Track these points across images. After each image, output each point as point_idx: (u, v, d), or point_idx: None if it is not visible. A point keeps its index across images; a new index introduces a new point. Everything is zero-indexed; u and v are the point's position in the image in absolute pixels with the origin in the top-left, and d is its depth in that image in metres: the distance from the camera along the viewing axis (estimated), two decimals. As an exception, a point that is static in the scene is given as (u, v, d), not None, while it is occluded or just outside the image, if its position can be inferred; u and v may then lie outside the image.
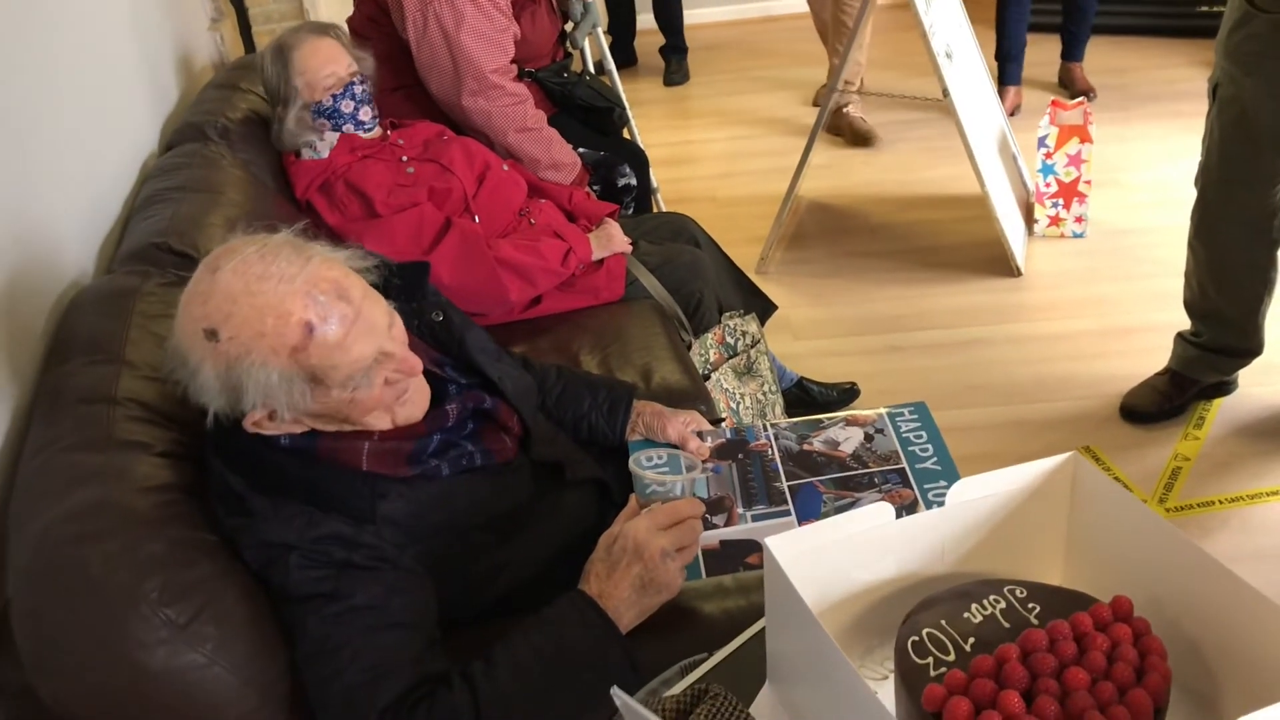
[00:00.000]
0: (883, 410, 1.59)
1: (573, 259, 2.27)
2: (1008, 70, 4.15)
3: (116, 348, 1.43)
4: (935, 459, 1.50)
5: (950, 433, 1.54)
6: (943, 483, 1.45)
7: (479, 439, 1.39)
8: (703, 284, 2.36)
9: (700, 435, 1.60)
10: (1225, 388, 2.56)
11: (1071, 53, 4.30)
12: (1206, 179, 2.31)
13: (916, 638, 0.92)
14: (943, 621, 0.93)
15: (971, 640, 0.91)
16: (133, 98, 2.27)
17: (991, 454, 2.44)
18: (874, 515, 1.01)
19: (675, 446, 1.59)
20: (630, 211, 2.90)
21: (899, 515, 1.02)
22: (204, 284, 1.18)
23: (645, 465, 1.51)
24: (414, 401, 1.33)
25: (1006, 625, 0.93)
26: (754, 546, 1.41)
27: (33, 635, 1.09)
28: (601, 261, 2.32)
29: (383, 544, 1.23)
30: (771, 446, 1.57)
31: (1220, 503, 2.27)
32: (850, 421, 1.58)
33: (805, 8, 4.45)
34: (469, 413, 1.39)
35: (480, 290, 2.18)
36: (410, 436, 1.31)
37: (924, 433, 1.55)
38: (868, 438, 1.54)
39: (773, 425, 1.61)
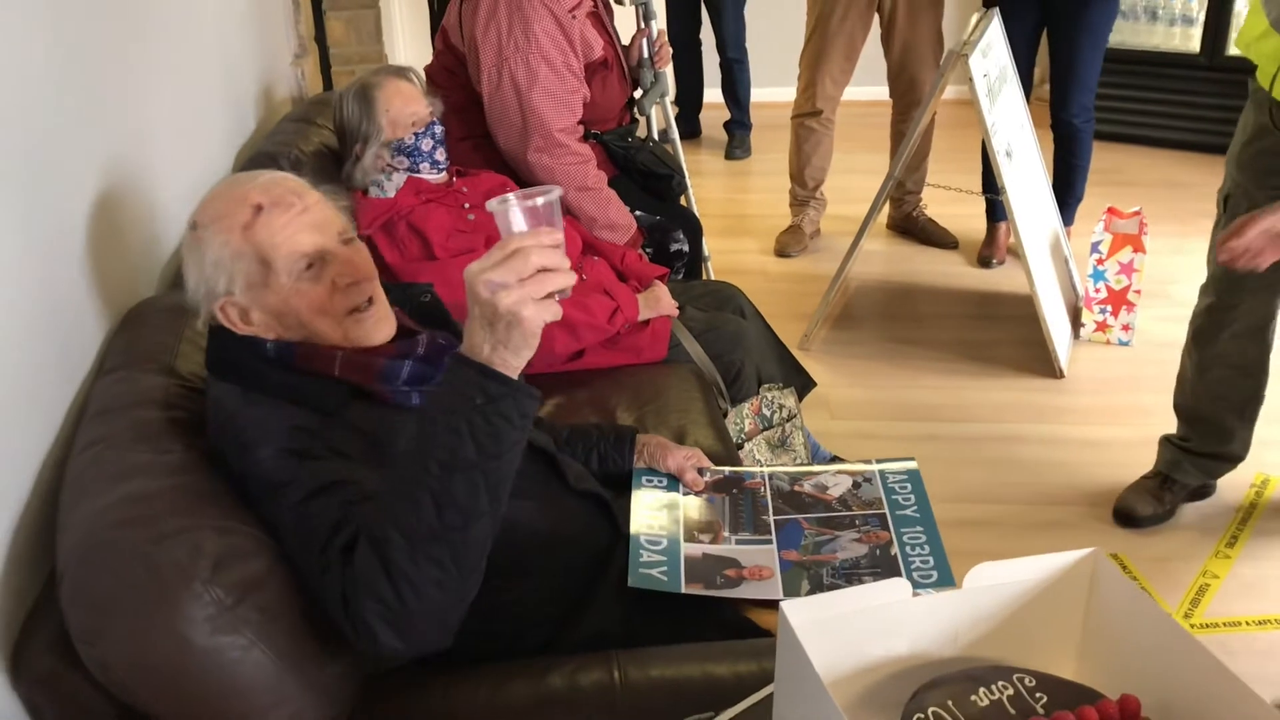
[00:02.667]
0: (875, 465, 1.69)
1: (619, 317, 2.31)
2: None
3: (167, 359, 1.50)
4: (915, 508, 1.59)
5: (976, 527, 1.56)
6: (919, 528, 1.55)
7: None
8: (744, 354, 2.39)
9: (700, 472, 1.72)
10: (1205, 491, 2.62)
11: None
12: (1215, 286, 2.38)
13: (922, 715, 0.93)
14: (949, 702, 0.94)
15: (976, 723, 0.92)
16: (212, 124, 2.35)
17: (1015, 551, 2.41)
18: (890, 591, 1.02)
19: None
20: (680, 276, 2.94)
21: (872, 557, 1.05)
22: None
23: (645, 484, 1.67)
24: (371, 326, 1.42)
25: (1012, 712, 0.93)
26: (733, 563, 1.52)
27: (84, 603, 1.13)
28: (647, 322, 2.36)
29: (346, 444, 1.30)
30: (764, 485, 1.68)
31: (1247, 624, 2.24)
32: (842, 471, 1.69)
33: (874, 96, 4.51)
34: (442, 351, 1.45)
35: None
36: (380, 354, 1.41)
37: (912, 495, 1.63)
38: (855, 485, 1.65)
39: (768, 468, 1.73)
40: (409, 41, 5.71)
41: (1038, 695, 0.95)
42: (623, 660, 1.34)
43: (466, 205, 2.35)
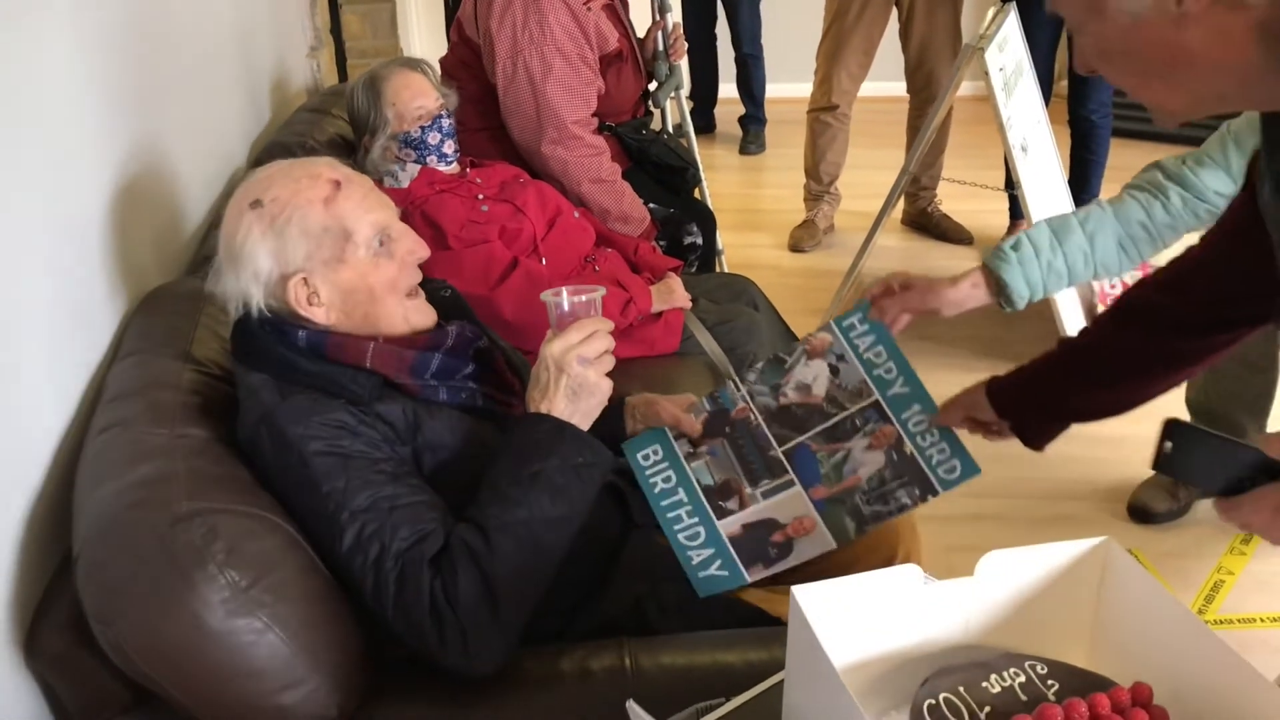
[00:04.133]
0: (833, 326, 1.60)
1: (632, 309, 2.31)
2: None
3: (184, 344, 1.50)
4: (902, 380, 1.55)
5: (990, 521, 1.55)
6: (916, 407, 1.53)
7: (480, 381, 1.49)
8: (757, 346, 2.39)
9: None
10: None
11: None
12: None
13: (933, 701, 0.93)
14: (960, 688, 0.94)
15: (987, 709, 0.92)
16: (229, 114, 2.36)
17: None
18: (902, 577, 1.02)
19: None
20: (694, 270, 2.94)
21: (893, 466, 1.04)
22: (243, 184, 1.41)
23: (644, 465, 1.59)
24: (424, 309, 1.47)
25: (1024, 698, 0.93)
26: (774, 525, 1.48)
27: (100, 584, 1.14)
28: (660, 314, 2.36)
29: (381, 437, 1.33)
30: (751, 409, 1.60)
31: (1262, 620, 2.23)
32: (810, 353, 1.61)
33: (890, 92, 4.50)
34: (469, 343, 1.49)
35: (540, 329, 2.21)
36: (412, 346, 1.42)
37: (880, 346, 1.57)
38: (833, 370, 1.58)
39: (744, 384, 1.63)
40: (425, 35, 5.72)
41: (1049, 682, 0.95)
42: (633, 647, 1.34)
43: (480, 196, 2.35)
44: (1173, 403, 2.80)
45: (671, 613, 1.48)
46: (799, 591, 0.96)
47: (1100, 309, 3.36)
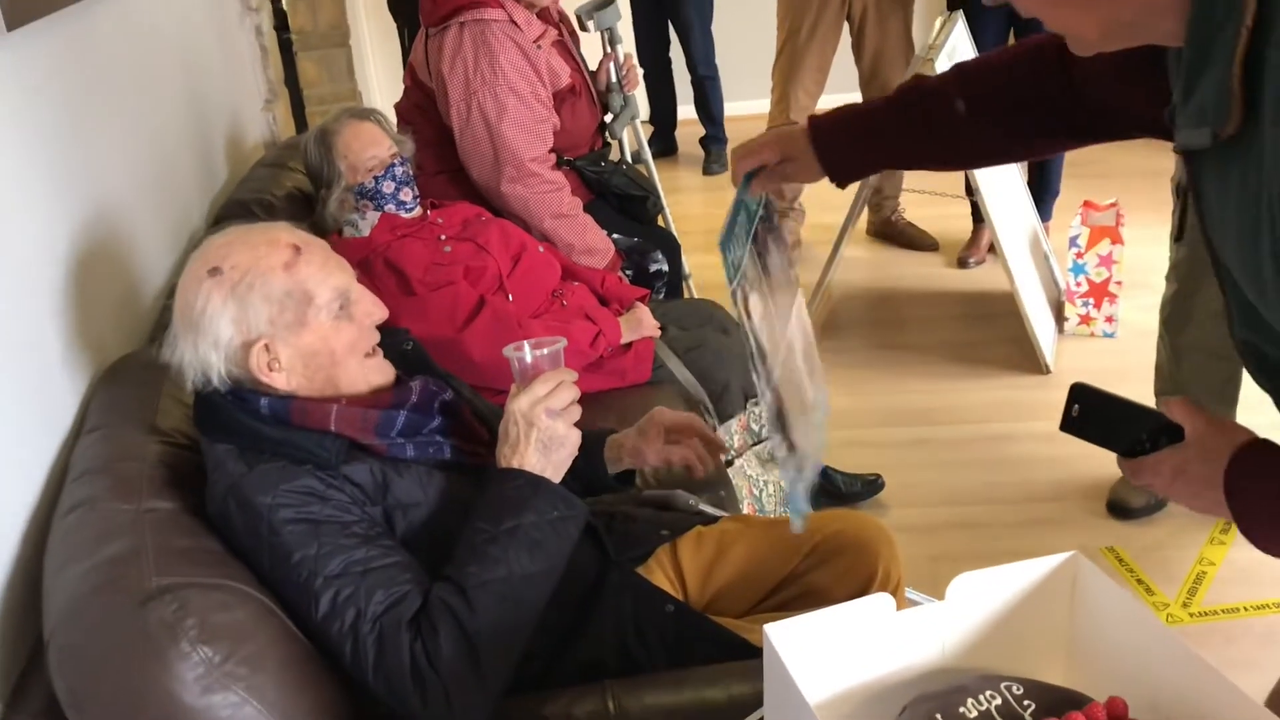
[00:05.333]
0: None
1: (602, 341, 2.31)
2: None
3: (148, 416, 1.49)
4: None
5: (971, 529, 1.55)
6: None
7: (447, 434, 1.49)
8: (729, 371, 2.39)
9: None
10: None
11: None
12: (1177, 272, 2.44)
13: (911, 730, 0.93)
14: (938, 715, 0.94)
15: (965, 735, 0.92)
16: (184, 175, 2.36)
17: (1012, 551, 2.42)
18: (874, 606, 1.02)
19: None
20: (661, 296, 2.95)
21: None
22: (199, 251, 1.41)
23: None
24: (383, 367, 1.47)
25: (1000, 722, 0.93)
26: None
27: (72, 669, 1.13)
28: (630, 345, 2.36)
29: (350, 499, 1.33)
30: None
31: (1245, 609, 2.24)
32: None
33: (847, 101, 4.52)
34: (434, 397, 1.49)
35: (509, 368, 2.22)
36: (376, 405, 1.42)
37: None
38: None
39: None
40: (382, 78, 5.74)
41: (1025, 703, 0.95)
42: (617, 690, 1.34)
43: (442, 237, 2.35)
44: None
45: (656, 648, 1.48)
46: (772, 630, 0.97)
47: (1068, 306, 3.39)
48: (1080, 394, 1.13)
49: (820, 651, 1.00)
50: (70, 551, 1.24)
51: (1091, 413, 1.12)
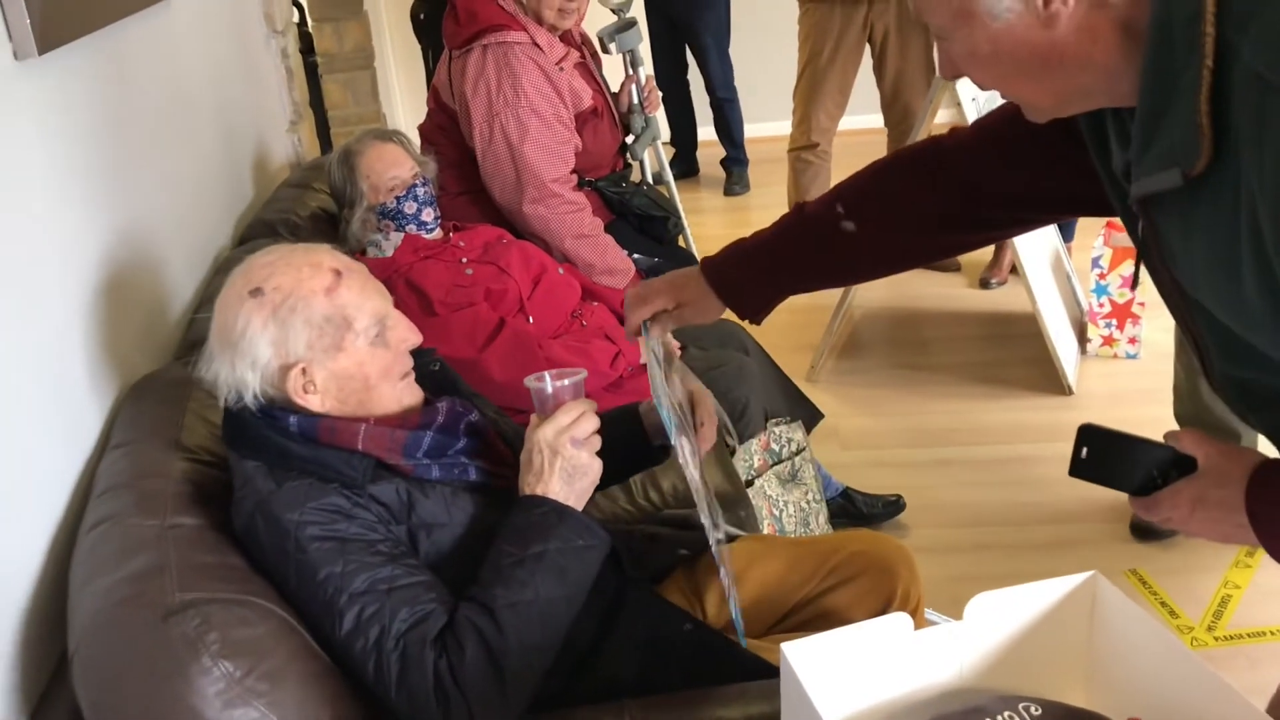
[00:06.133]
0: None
1: (621, 362, 2.32)
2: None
3: (173, 433, 1.51)
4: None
5: (994, 550, 1.54)
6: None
7: (472, 455, 1.49)
8: (749, 390, 2.39)
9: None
10: None
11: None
12: None
13: (928, 751, 0.93)
14: (955, 736, 0.94)
15: (983, 756, 0.92)
16: (211, 196, 2.39)
17: (1034, 572, 2.40)
18: (892, 626, 1.02)
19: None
20: (682, 317, 2.95)
21: None
22: (240, 270, 1.40)
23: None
24: (411, 387, 1.47)
25: (1018, 743, 0.93)
26: None
27: (95, 683, 1.14)
28: (650, 365, 2.36)
29: (376, 518, 1.33)
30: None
31: (1271, 633, 2.22)
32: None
33: (868, 124, 4.54)
34: (460, 418, 1.50)
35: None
36: (404, 426, 1.42)
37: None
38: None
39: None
40: (407, 99, 5.80)
41: (1043, 724, 0.95)
42: (634, 709, 1.34)
43: (464, 260, 2.37)
44: (1164, 418, 2.81)
45: (674, 667, 1.48)
46: (789, 649, 0.97)
47: (1091, 327, 3.37)
48: (1088, 435, 1.10)
49: (838, 671, 1.00)
50: (94, 566, 1.25)
51: (1101, 453, 1.10)
